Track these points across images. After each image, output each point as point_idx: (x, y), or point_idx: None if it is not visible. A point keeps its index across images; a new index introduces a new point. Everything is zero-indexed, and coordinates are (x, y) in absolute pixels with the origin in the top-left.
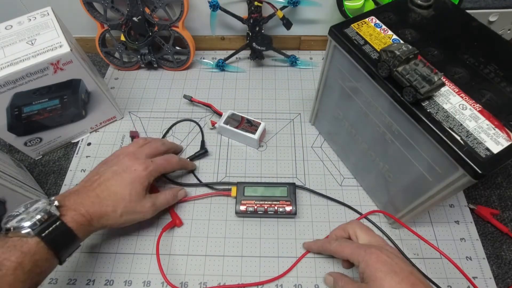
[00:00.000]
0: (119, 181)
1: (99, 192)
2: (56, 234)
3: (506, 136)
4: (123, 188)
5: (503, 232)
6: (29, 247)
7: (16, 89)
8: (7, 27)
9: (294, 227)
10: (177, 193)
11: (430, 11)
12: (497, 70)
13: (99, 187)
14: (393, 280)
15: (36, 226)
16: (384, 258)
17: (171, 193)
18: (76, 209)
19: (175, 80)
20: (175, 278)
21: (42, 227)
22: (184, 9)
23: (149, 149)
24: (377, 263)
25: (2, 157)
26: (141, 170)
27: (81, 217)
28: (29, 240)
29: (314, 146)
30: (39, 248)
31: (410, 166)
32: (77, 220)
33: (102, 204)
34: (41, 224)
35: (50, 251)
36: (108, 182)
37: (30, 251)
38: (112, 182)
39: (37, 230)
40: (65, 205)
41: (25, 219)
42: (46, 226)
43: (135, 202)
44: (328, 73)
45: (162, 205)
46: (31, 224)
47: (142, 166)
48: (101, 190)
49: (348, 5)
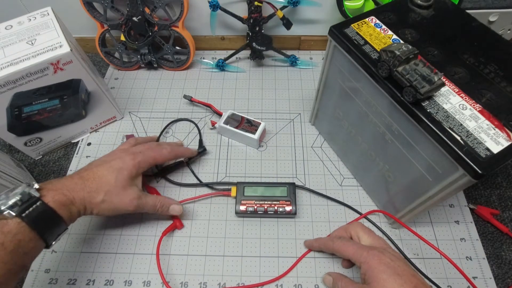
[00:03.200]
0: (106, 167)
1: (84, 175)
2: (37, 214)
3: (506, 136)
4: (109, 173)
5: (503, 232)
6: (10, 227)
7: (16, 89)
8: (7, 27)
9: (294, 227)
10: (169, 205)
11: (430, 11)
12: (497, 70)
13: (85, 171)
14: (395, 282)
15: (15, 206)
16: (387, 260)
17: (162, 201)
18: (57, 189)
19: (175, 80)
20: (175, 278)
21: (22, 207)
22: (184, 9)
23: (143, 147)
24: (380, 264)
25: (2, 157)
26: (129, 160)
27: (63, 196)
28: (9, 221)
29: (314, 146)
30: (20, 228)
31: (410, 166)
32: (58, 199)
33: (85, 185)
34: (21, 205)
35: (33, 231)
36: (96, 168)
37: (11, 231)
38: (99, 168)
39: (17, 210)
40: (46, 187)
41: (3, 200)
42: (26, 206)
43: (119, 188)
44: (328, 73)
45: (147, 206)
46: (10, 205)
47: (130, 156)
48: (86, 174)
49: (348, 5)
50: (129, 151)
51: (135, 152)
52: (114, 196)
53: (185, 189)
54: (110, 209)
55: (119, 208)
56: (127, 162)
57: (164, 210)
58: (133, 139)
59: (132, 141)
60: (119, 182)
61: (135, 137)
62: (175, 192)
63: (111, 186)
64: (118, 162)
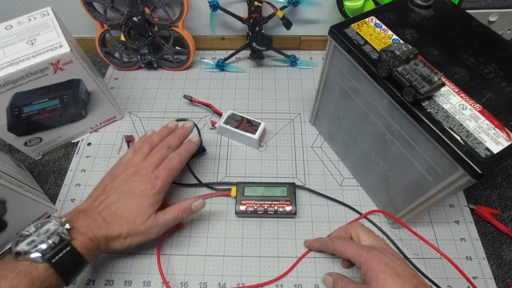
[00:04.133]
0: (125, 204)
1: (105, 216)
2: (66, 260)
3: (506, 136)
4: (128, 211)
5: (503, 232)
6: (39, 273)
7: (16, 89)
8: (7, 27)
9: (294, 227)
10: (189, 206)
11: (430, 11)
12: (497, 70)
13: (105, 210)
14: (396, 282)
15: (47, 251)
16: (387, 260)
17: (181, 208)
18: (85, 233)
19: (175, 80)
20: (175, 278)
21: (53, 252)
22: (184, 9)
23: (155, 159)
24: (380, 265)
25: (2, 157)
26: (148, 191)
27: (90, 241)
28: (39, 265)
29: (314, 146)
30: (48, 275)
31: (410, 166)
32: (86, 244)
33: (108, 228)
34: (52, 249)
35: (59, 277)
36: (114, 205)
37: (39, 277)
38: (118, 204)
39: (48, 255)
40: (75, 227)
41: (35, 241)
42: (57, 251)
43: (139, 224)
44: (328, 73)
45: (169, 223)
46: (43, 249)
47: (149, 186)
48: (107, 214)
49: (348, 5)
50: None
51: (151, 178)
52: (135, 233)
53: (185, 189)
54: (133, 244)
55: (143, 241)
56: (146, 194)
57: (187, 213)
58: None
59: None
60: (138, 219)
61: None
62: (175, 193)
63: (131, 224)
64: (136, 197)
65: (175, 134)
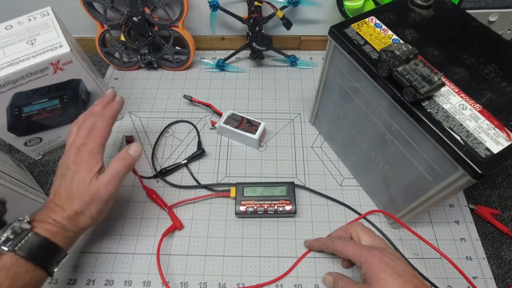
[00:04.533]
0: (66, 182)
1: (56, 201)
2: (30, 245)
3: (506, 136)
4: (70, 186)
5: (503, 232)
6: (4, 262)
7: (16, 89)
8: (7, 27)
9: (294, 227)
10: (126, 154)
11: (430, 11)
12: (497, 70)
13: (55, 196)
14: (396, 282)
15: (8, 241)
16: (387, 260)
17: (118, 158)
18: (45, 220)
19: (175, 80)
20: (175, 278)
21: (15, 241)
22: (184, 9)
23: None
24: (380, 264)
25: (2, 157)
26: (79, 159)
27: (51, 226)
28: (3, 256)
29: (314, 146)
30: (14, 261)
31: (410, 166)
32: (49, 229)
33: (63, 209)
34: (13, 238)
35: (28, 262)
36: (59, 188)
37: (5, 266)
38: (62, 186)
39: (11, 245)
40: (34, 219)
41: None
42: (19, 239)
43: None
44: (328, 73)
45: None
46: (3, 240)
47: (78, 155)
48: (57, 198)
49: (348, 5)
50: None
51: (79, 147)
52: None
53: (184, 191)
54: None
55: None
56: (79, 161)
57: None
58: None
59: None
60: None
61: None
62: (175, 193)
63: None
64: (72, 169)
65: (99, 101)
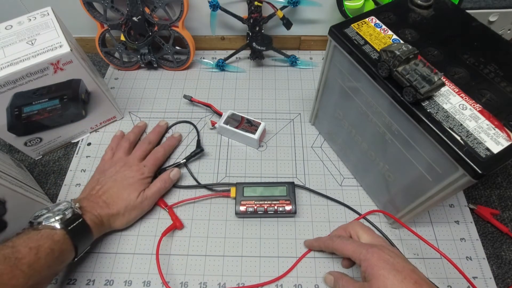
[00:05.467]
0: (120, 188)
1: (105, 199)
2: (78, 229)
3: (506, 136)
4: (123, 192)
5: (503, 232)
6: (58, 237)
7: (16, 89)
8: (7, 27)
9: (294, 227)
10: (167, 177)
11: (430, 11)
12: (497, 70)
13: (104, 194)
14: (395, 278)
15: (64, 221)
16: (386, 257)
17: (161, 180)
18: (91, 211)
19: (175, 80)
20: (175, 278)
21: (68, 221)
22: (184, 9)
23: (139, 152)
24: (379, 261)
25: (2, 157)
26: (138, 176)
27: (96, 218)
28: (57, 231)
29: (314, 146)
30: (65, 239)
31: (410, 166)
32: (93, 220)
33: (109, 208)
34: (68, 219)
35: (72, 243)
36: (111, 190)
37: (59, 240)
38: (114, 189)
39: (65, 224)
40: (83, 207)
41: (52, 216)
42: (72, 221)
43: (133, 201)
44: (328, 73)
45: (155, 195)
46: (60, 218)
47: (138, 172)
48: (106, 197)
49: (348, 5)
50: (133, 164)
51: (140, 167)
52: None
53: (184, 191)
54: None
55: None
56: (136, 180)
57: (168, 183)
58: (125, 142)
59: (126, 144)
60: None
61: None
62: (175, 193)
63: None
64: (128, 182)
65: (153, 131)
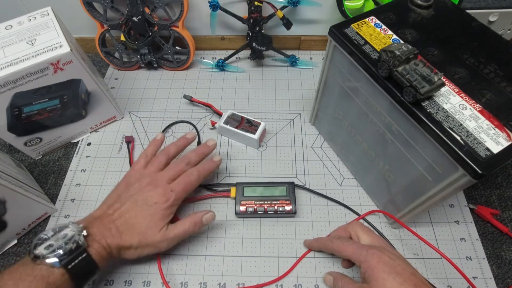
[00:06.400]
0: (138, 214)
1: (119, 225)
2: (81, 266)
3: (506, 136)
4: (141, 221)
5: (503, 232)
6: (55, 278)
7: (16, 89)
8: (7, 27)
9: (294, 227)
10: (200, 219)
11: (430, 11)
12: (497, 70)
13: (119, 219)
14: (395, 281)
15: (64, 256)
16: (386, 259)
17: (192, 221)
18: (100, 240)
19: (175, 80)
20: (175, 278)
21: (69, 258)
22: (184, 9)
23: (173, 172)
24: (379, 263)
25: (2, 157)
26: (162, 203)
27: (103, 250)
28: (55, 270)
29: (314, 146)
30: (63, 280)
31: (410, 166)
32: (100, 252)
33: (121, 238)
34: (69, 255)
35: (72, 283)
36: (128, 214)
37: (55, 282)
38: (131, 214)
39: (65, 261)
40: (91, 233)
41: (53, 246)
42: (73, 257)
43: (150, 237)
44: (328, 73)
45: (178, 237)
46: (61, 254)
47: (163, 198)
48: (121, 223)
49: (348, 5)
50: (159, 185)
51: (166, 190)
52: (145, 245)
53: None
54: (143, 255)
55: (152, 252)
56: (160, 206)
57: (198, 227)
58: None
59: (163, 158)
60: (150, 232)
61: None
62: None
63: (142, 236)
64: (149, 207)
65: (196, 151)
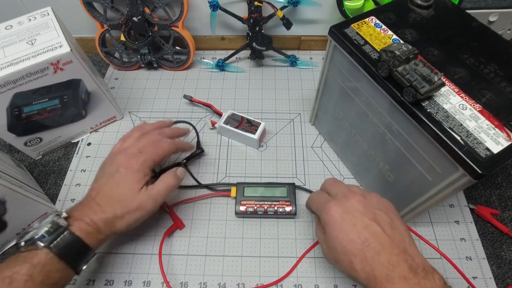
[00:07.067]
0: (113, 184)
1: (98, 200)
2: (64, 244)
3: (506, 136)
4: (116, 189)
5: (503, 232)
6: (39, 258)
7: (16, 89)
8: (7, 27)
9: (294, 227)
10: (175, 173)
11: (430, 11)
12: (497, 70)
13: (98, 195)
14: (346, 237)
15: (44, 237)
16: (340, 212)
17: (168, 175)
18: (82, 218)
19: (175, 80)
20: (175, 278)
21: (50, 238)
22: (184, 9)
23: (144, 142)
24: (331, 219)
25: (2, 157)
26: (131, 166)
27: (87, 226)
28: (38, 252)
29: (314, 146)
30: (49, 259)
31: (410, 166)
32: (84, 228)
33: (103, 211)
34: (49, 235)
35: (61, 261)
36: (104, 187)
37: (40, 262)
38: (107, 186)
39: (46, 241)
40: (72, 216)
41: (34, 232)
42: (54, 237)
43: (131, 201)
44: (328, 73)
45: (161, 193)
46: (39, 236)
47: (132, 161)
48: (99, 198)
49: (348, 5)
50: (128, 152)
51: (135, 154)
52: (130, 210)
53: (184, 191)
54: (133, 222)
55: (142, 217)
56: (130, 169)
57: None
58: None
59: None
60: (128, 196)
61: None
62: (175, 193)
63: (122, 202)
64: (120, 174)
65: (171, 128)
